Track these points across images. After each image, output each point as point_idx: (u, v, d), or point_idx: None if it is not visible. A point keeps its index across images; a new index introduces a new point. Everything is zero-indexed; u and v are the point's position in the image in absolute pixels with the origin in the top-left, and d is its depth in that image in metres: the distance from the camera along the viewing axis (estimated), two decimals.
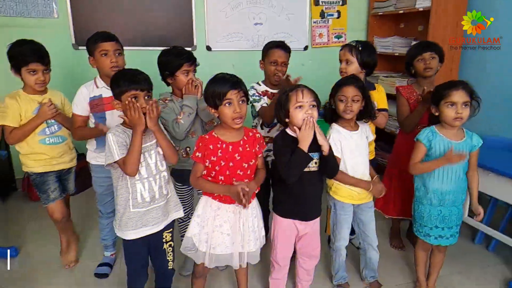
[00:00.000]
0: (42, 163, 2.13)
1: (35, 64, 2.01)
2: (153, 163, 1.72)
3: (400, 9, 3.51)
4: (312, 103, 1.71)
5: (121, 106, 1.66)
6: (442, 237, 1.99)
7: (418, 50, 2.29)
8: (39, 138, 2.09)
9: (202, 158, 1.68)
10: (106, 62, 2.01)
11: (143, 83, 1.66)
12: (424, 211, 1.99)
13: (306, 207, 1.86)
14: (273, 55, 2.25)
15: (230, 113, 1.63)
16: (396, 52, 3.62)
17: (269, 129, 2.34)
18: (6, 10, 3.15)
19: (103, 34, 2.05)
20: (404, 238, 2.71)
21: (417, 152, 1.95)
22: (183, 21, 3.61)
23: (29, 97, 2.07)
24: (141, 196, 1.70)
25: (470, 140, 1.92)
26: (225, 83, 1.64)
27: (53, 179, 2.18)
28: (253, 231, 1.79)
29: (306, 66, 4.02)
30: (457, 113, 1.82)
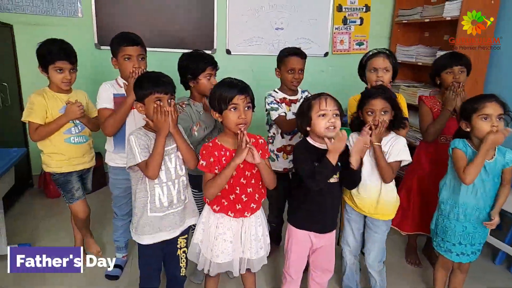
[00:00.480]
0: (65, 163, 2.13)
1: (61, 62, 2.02)
2: (173, 168, 1.72)
3: (426, 17, 3.42)
4: (336, 111, 1.67)
5: (144, 109, 1.66)
6: (463, 254, 1.92)
7: (448, 62, 2.21)
8: (65, 137, 2.10)
9: (208, 166, 1.65)
10: (128, 67, 2.00)
11: (167, 86, 1.66)
12: (448, 226, 1.92)
13: (323, 219, 1.82)
14: (290, 63, 2.22)
15: (235, 118, 1.60)
16: (420, 61, 3.53)
17: (291, 136, 2.29)
18: (33, 9, 3.21)
19: (128, 38, 2.03)
20: (421, 254, 2.63)
21: (458, 160, 1.81)
22: (204, 23, 3.60)
23: (55, 95, 2.09)
24: (159, 200, 1.70)
25: (502, 158, 1.82)
26: (233, 88, 1.62)
27: (76, 178, 2.19)
28: (255, 240, 1.76)
29: (326, 72, 3.97)
30: (493, 126, 1.72)
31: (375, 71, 2.09)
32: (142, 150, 1.63)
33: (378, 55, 2.10)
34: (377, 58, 2.10)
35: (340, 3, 3.83)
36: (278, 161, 2.33)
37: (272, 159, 2.34)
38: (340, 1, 3.82)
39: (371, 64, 2.11)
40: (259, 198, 1.77)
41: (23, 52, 3.21)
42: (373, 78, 2.10)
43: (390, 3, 3.95)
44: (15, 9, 3.16)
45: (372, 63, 2.11)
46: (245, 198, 1.70)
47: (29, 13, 3.20)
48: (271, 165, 2.32)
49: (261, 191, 1.78)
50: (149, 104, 1.65)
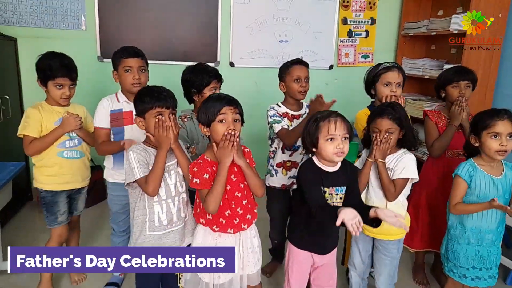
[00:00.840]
0: (54, 179, 2.05)
1: (62, 79, 1.97)
2: (173, 184, 1.68)
3: (433, 30, 3.38)
4: (345, 135, 1.59)
5: (144, 123, 1.64)
6: (479, 279, 1.84)
7: (455, 76, 2.16)
8: (58, 150, 2.03)
9: (202, 184, 1.56)
10: (128, 78, 1.99)
11: (169, 101, 1.64)
12: (460, 251, 1.84)
13: (324, 240, 1.75)
14: (295, 72, 2.16)
15: (223, 130, 1.54)
16: (426, 74, 3.47)
17: (291, 152, 2.23)
18: (37, 22, 3.23)
19: (128, 50, 2.03)
20: (429, 273, 2.54)
21: (457, 189, 1.79)
22: (208, 36, 3.60)
23: (52, 108, 2.04)
24: (159, 218, 1.66)
25: (510, 172, 1.78)
26: (221, 100, 1.58)
27: (64, 200, 2.10)
28: (252, 252, 1.71)
29: (330, 85, 3.93)
30: (501, 145, 1.67)
31: (389, 85, 2.03)
32: (141, 166, 1.59)
33: (392, 69, 2.04)
34: (392, 72, 2.03)
35: (345, 16, 3.80)
36: (276, 177, 2.27)
37: (272, 175, 2.29)
38: (345, 13, 3.80)
39: (385, 78, 2.04)
40: (252, 208, 1.71)
41: (26, 65, 3.22)
42: (386, 92, 2.03)
43: (396, 16, 3.93)
44: (19, 22, 3.18)
45: (386, 76, 2.04)
46: (240, 211, 1.64)
47: (33, 26, 3.22)
48: (270, 180, 2.30)
49: (254, 201, 1.73)
50: (149, 118, 1.62)
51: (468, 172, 1.77)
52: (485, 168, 1.77)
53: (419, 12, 3.81)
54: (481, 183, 1.76)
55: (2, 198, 2.24)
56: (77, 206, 2.21)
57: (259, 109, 3.33)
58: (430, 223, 2.32)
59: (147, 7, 3.41)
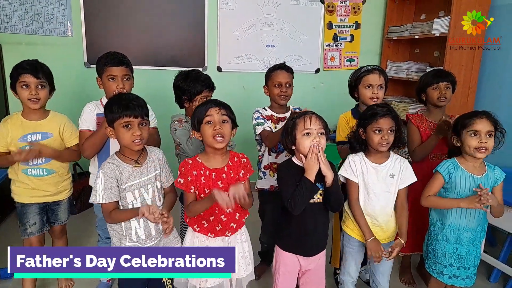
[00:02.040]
0: (24, 192, 1.98)
1: (26, 76, 1.85)
2: (149, 199, 1.65)
3: (416, 34, 3.45)
4: (321, 130, 1.65)
5: (114, 133, 1.59)
6: (456, 277, 1.87)
7: (434, 78, 2.21)
8: (22, 168, 1.95)
9: (184, 185, 1.62)
10: (112, 87, 1.95)
11: (138, 110, 1.57)
12: (438, 248, 1.88)
13: (309, 242, 1.76)
14: (277, 77, 2.20)
15: (210, 130, 1.58)
16: (410, 77, 3.54)
17: (277, 154, 2.26)
18: (23, 28, 3.21)
19: (113, 58, 1.97)
20: (415, 273, 2.57)
21: (433, 183, 1.85)
22: (195, 41, 3.61)
23: (23, 122, 1.93)
24: (136, 233, 1.62)
25: (492, 174, 1.82)
26: (207, 103, 1.63)
27: (34, 211, 2.01)
28: (242, 257, 1.72)
29: (317, 89, 3.97)
30: (480, 142, 1.72)
31: (370, 87, 2.07)
32: (107, 190, 1.54)
33: (373, 72, 2.08)
34: (373, 75, 2.07)
35: (330, 21, 3.86)
36: (265, 179, 2.29)
37: (260, 177, 2.31)
38: (330, 18, 3.86)
39: (367, 81, 2.07)
40: (240, 217, 1.73)
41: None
42: (368, 95, 2.07)
43: (380, 20, 4.00)
44: (4, 29, 3.16)
45: (367, 79, 2.08)
46: (224, 218, 1.66)
47: (18, 33, 3.20)
48: (259, 183, 2.32)
49: (242, 210, 1.73)
50: (118, 128, 1.56)
51: (448, 169, 1.82)
52: (466, 167, 1.81)
53: (403, 16, 3.89)
54: (461, 181, 1.80)
55: None
56: (57, 217, 2.14)
57: (247, 113, 3.35)
58: (416, 227, 2.33)
59: (133, 13, 3.42)
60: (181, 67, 2.45)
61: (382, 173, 1.83)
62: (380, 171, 1.83)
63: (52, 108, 2.07)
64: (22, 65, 1.89)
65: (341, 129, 2.15)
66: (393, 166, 1.84)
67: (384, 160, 1.85)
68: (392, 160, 1.85)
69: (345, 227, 1.96)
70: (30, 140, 1.91)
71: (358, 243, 1.93)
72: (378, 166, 1.84)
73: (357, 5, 3.90)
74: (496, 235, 2.92)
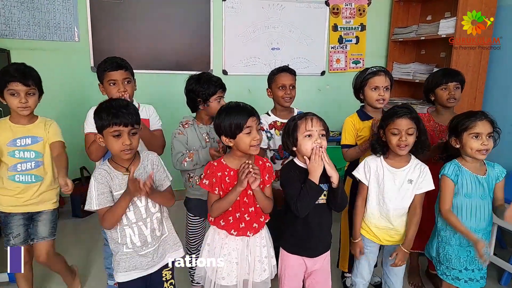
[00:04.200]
0: (9, 201, 1.91)
1: (15, 84, 1.79)
2: (143, 206, 1.60)
3: (422, 35, 3.43)
4: (322, 132, 1.66)
5: (103, 141, 1.54)
6: (472, 280, 1.84)
7: (444, 79, 2.18)
8: (9, 173, 1.88)
9: (209, 186, 1.64)
10: (114, 91, 1.94)
11: (128, 118, 1.49)
12: (452, 253, 1.84)
13: (313, 243, 1.75)
14: (280, 80, 2.20)
15: (249, 140, 1.60)
16: (417, 78, 3.52)
17: (283, 161, 2.24)
18: (30, 34, 3.24)
19: (112, 63, 1.95)
20: (423, 275, 2.55)
21: (446, 190, 1.80)
22: (200, 45, 3.63)
23: (12, 126, 1.89)
24: (131, 241, 1.60)
25: (493, 171, 1.81)
26: (243, 112, 1.62)
27: (18, 222, 1.94)
28: (259, 261, 1.72)
29: (322, 91, 3.97)
30: (483, 145, 1.71)
31: (377, 89, 2.06)
32: (99, 196, 1.51)
33: (379, 74, 2.07)
34: (379, 77, 2.06)
35: (335, 23, 3.85)
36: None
37: None
38: (335, 20, 3.85)
39: (373, 82, 2.06)
40: (264, 220, 1.74)
41: None
42: (374, 97, 2.06)
43: (386, 22, 3.98)
44: (12, 35, 3.19)
45: (373, 81, 2.06)
46: (247, 217, 1.68)
47: (26, 39, 3.23)
48: None
49: (263, 213, 1.75)
50: (107, 137, 1.50)
51: (455, 171, 1.79)
52: (469, 168, 1.80)
53: (408, 17, 3.87)
54: (467, 182, 1.78)
55: None
56: (37, 230, 1.98)
57: None
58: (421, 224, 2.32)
59: (139, 18, 3.44)
60: (186, 71, 2.46)
61: (400, 178, 1.81)
62: (398, 176, 1.81)
63: (59, 112, 2.09)
64: (9, 72, 1.81)
65: (347, 132, 2.14)
66: (412, 171, 1.81)
67: (403, 165, 1.82)
68: (412, 165, 1.82)
69: (362, 230, 1.94)
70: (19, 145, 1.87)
71: (373, 244, 1.92)
72: (396, 171, 1.82)
73: (362, 7, 3.89)
74: (506, 238, 2.88)
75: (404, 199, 1.82)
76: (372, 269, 2.00)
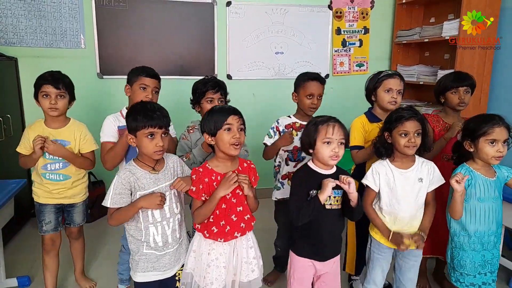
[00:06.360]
0: (41, 193, 2.12)
1: (47, 86, 1.98)
2: (167, 206, 1.65)
3: (425, 37, 3.43)
4: (341, 140, 1.65)
5: (135, 141, 1.61)
6: (485, 284, 1.83)
7: (454, 83, 2.18)
8: (41, 171, 2.09)
9: (196, 192, 1.63)
10: (141, 96, 2.00)
11: (162, 120, 1.58)
12: (466, 258, 1.82)
13: (324, 247, 1.75)
14: (310, 88, 2.15)
15: (229, 138, 1.60)
16: (421, 81, 3.52)
17: (295, 163, 2.23)
18: (37, 41, 3.29)
19: (149, 70, 2.07)
20: (430, 277, 2.53)
21: None
22: (205, 50, 3.66)
23: (44, 128, 2.06)
24: (154, 240, 1.63)
25: (501, 173, 1.82)
26: (226, 110, 1.65)
27: (50, 211, 2.15)
28: (246, 262, 1.72)
29: (326, 94, 3.93)
30: (498, 152, 1.71)
31: (390, 91, 2.06)
32: (116, 196, 1.56)
33: (394, 76, 2.08)
34: (394, 79, 2.07)
35: (339, 26, 3.87)
36: (283, 189, 2.27)
37: (278, 188, 2.30)
38: (338, 24, 3.86)
39: (387, 84, 2.07)
40: (249, 220, 1.73)
41: (27, 84, 3.26)
42: (387, 99, 2.07)
43: (389, 24, 3.99)
44: (19, 43, 3.24)
45: (388, 83, 2.07)
46: (235, 218, 1.67)
47: (33, 46, 3.28)
48: (277, 193, 2.31)
49: (251, 214, 1.75)
50: (141, 138, 1.57)
51: (467, 173, 1.78)
52: (481, 171, 1.79)
53: (412, 20, 3.88)
54: (480, 186, 1.77)
55: (4, 216, 2.25)
56: (72, 219, 2.25)
57: (257, 120, 3.38)
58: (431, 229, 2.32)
59: (144, 24, 3.48)
60: (191, 76, 2.48)
61: (411, 178, 1.82)
62: (408, 176, 1.82)
63: None
64: (44, 76, 2.02)
65: (356, 132, 2.13)
66: (420, 169, 1.83)
67: (410, 165, 1.83)
68: (418, 164, 1.84)
69: (373, 233, 1.94)
70: None
71: (387, 250, 1.91)
72: (405, 172, 1.82)
73: (365, 10, 3.90)
74: None
75: (418, 198, 1.83)
76: (385, 275, 1.98)
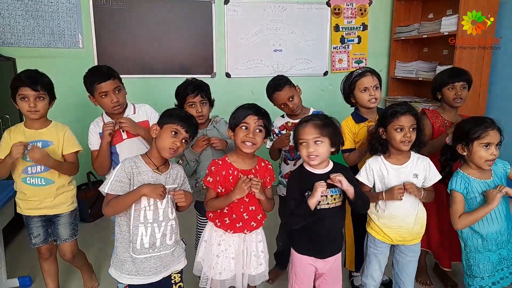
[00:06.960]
0: (24, 204, 2.00)
1: (24, 89, 1.85)
2: (162, 209, 1.64)
3: (424, 33, 3.43)
4: (316, 139, 1.62)
5: (158, 132, 1.62)
6: (503, 279, 1.83)
7: (450, 79, 2.17)
8: (22, 176, 1.95)
9: (213, 184, 1.67)
10: (107, 103, 1.95)
11: (192, 129, 1.65)
12: (483, 260, 1.80)
13: (325, 245, 1.76)
14: (362, 83, 2.06)
15: (242, 135, 1.63)
16: (420, 76, 3.52)
17: (294, 162, 2.23)
18: (35, 42, 3.29)
19: (99, 74, 1.95)
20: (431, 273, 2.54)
21: (456, 204, 1.78)
22: (203, 49, 3.65)
23: (25, 130, 1.95)
24: (141, 241, 1.60)
25: (497, 169, 1.81)
26: (249, 109, 1.67)
27: (36, 224, 2.03)
28: (255, 255, 1.76)
29: (325, 91, 3.97)
30: (492, 155, 1.70)
31: (366, 90, 2.06)
32: (116, 182, 1.54)
33: (365, 74, 2.07)
34: (366, 78, 2.06)
35: (337, 23, 3.86)
36: (284, 187, 2.28)
37: (283, 184, 2.31)
38: (337, 21, 3.86)
39: (361, 84, 2.06)
40: (261, 218, 1.78)
41: None
42: (366, 98, 2.06)
43: (387, 20, 3.98)
44: (17, 43, 3.24)
45: (361, 83, 2.06)
46: (246, 216, 1.71)
47: (31, 46, 3.28)
48: (281, 191, 2.33)
49: (263, 212, 1.79)
50: (166, 130, 1.60)
51: (463, 183, 1.77)
52: (476, 175, 1.78)
53: (410, 16, 3.87)
54: (477, 190, 1.76)
55: (5, 216, 2.26)
56: (58, 233, 2.07)
57: None
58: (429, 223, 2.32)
59: (142, 23, 3.47)
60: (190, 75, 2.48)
61: (405, 174, 1.82)
62: (402, 172, 1.82)
63: (65, 118, 2.11)
64: (20, 78, 1.88)
65: (345, 136, 2.12)
66: (415, 165, 1.83)
67: (405, 161, 1.83)
68: (413, 159, 1.84)
69: (369, 229, 1.95)
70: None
71: (384, 245, 1.91)
72: (400, 168, 1.83)
73: (363, 6, 3.89)
74: None
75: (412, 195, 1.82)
76: (383, 270, 1.99)
